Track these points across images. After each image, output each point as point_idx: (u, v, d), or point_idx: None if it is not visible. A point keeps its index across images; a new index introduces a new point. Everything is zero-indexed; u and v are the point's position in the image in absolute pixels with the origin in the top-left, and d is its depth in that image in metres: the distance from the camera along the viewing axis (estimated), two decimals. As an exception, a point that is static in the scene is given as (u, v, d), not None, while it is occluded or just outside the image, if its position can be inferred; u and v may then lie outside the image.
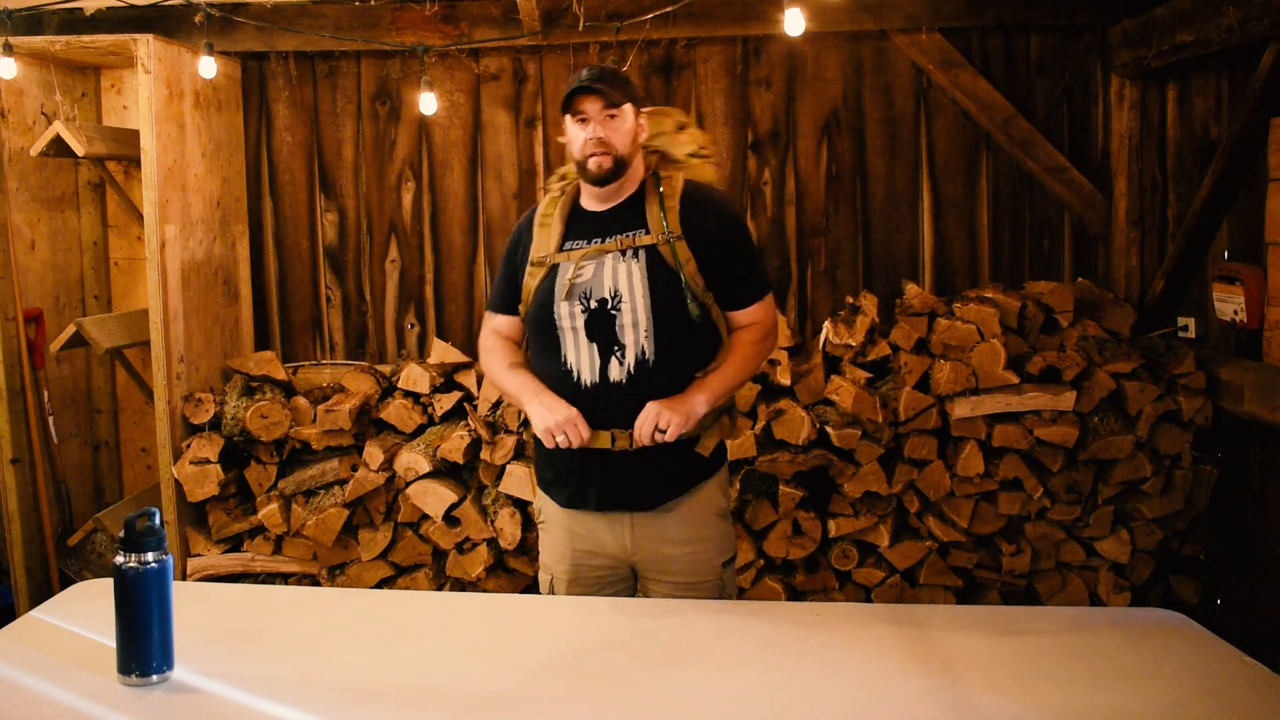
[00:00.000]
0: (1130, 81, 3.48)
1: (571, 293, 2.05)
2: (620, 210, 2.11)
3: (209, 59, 3.27)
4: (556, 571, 2.18)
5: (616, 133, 2.04)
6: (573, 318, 2.05)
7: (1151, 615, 1.95)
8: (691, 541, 2.12)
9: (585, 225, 2.12)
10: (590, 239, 2.09)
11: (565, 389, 2.05)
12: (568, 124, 2.09)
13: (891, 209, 3.70)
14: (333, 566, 3.38)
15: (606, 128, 2.04)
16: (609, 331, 2.03)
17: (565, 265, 2.07)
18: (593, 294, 2.04)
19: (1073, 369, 3.12)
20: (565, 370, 2.06)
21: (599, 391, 2.04)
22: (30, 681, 1.64)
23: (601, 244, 2.07)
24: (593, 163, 2.04)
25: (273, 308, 3.86)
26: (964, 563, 3.24)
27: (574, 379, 2.05)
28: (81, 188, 3.82)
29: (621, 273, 2.04)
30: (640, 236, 2.06)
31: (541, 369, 2.12)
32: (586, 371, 2.05)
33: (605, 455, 2.05)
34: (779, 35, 3.46)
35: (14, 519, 3.41)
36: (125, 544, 1.60)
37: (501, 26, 3.59)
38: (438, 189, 3.80)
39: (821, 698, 1.59)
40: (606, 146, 2.03)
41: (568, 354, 2.06)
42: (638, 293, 2.02)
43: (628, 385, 2.03)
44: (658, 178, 2.13)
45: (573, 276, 2.05)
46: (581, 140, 2.05)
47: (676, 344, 2.06)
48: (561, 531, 2.16)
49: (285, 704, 1.56)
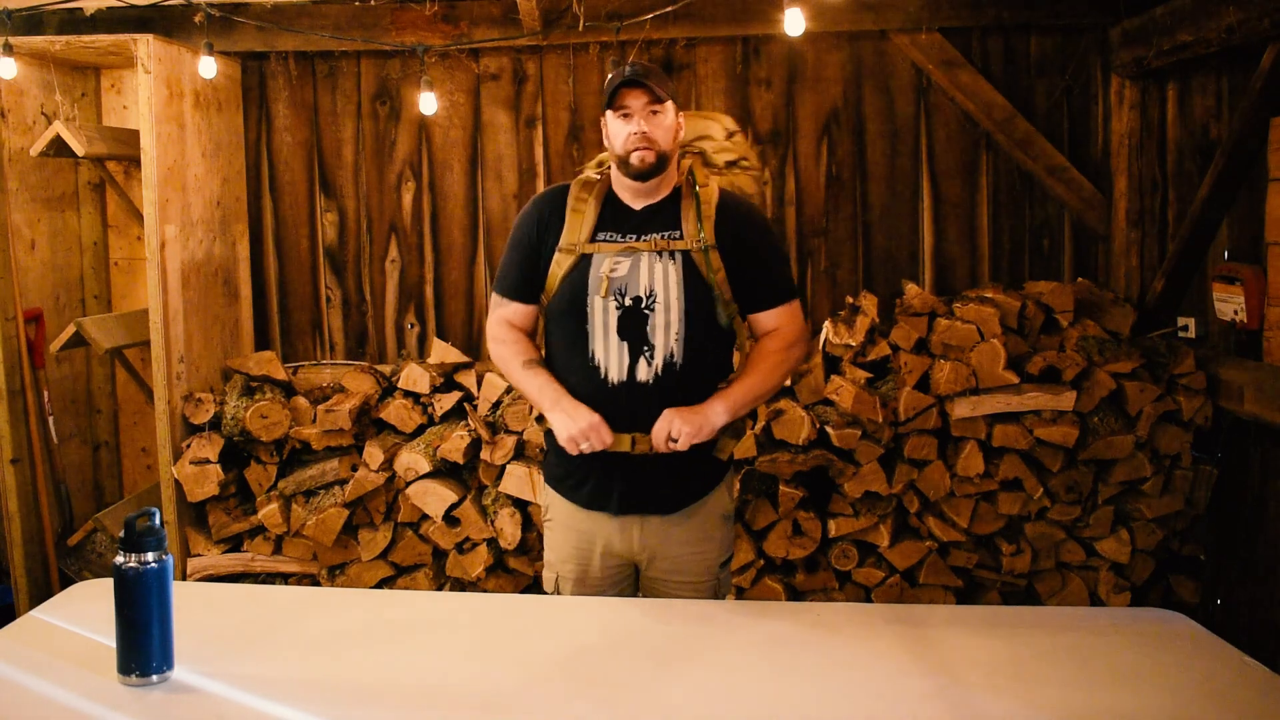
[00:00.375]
0: (1130, 81, 3.48)
1: (609, 288, 2.03)
2: (656, 210, 2.11)
3: (209, 59, 3.27)
4: (563, 571, 2.17)
5: (660, 128, 2.04)
6: (606, 313, 2.03)
7: (1151, 615, 1.95)
8: (698, 543, 2.14)
9: (619, 219, 2.10)
10: (625, 234, 2.08)
11: (591, 386, 2.04)
12: (609, 118, 2.07)
13: (891, 209, 3.70)
14: (333, 566, 3.38)
15: (650, 123, 2.03)
16: (640, 331, 2.03)
17: (599, 258, 2.05)
18: (628, 291, 2.03)
19: (1073, 369, 3.12)
20: (593, 367, 2.05)
21: (625, 391, 2.04)
22: (30, 681, 1.64)
23: (636, 241, 2.07)
24: (636, 157, 2.03)
25: (273, 308, 3.86)
26: (964, 563, 3.24)
27: (601, 376, 2.04)
28: (81, 188, 3.82)
29: (658, 273, 2.04)
30: (674, 239, 2.06)
31: (566, 362, 2.09)
32: (615, 369, 2.04)
33: (626, 459, 2.04)
34: (779, 35, 3.46)
35: (14, 519, 3.41)
36: (125, 544, 1.60)
37: (501, 26, 3.59)
38: (438, 189, 3.80)
39: (822, 698, 1.59)
40: (650, 141, 2.03)
41: (596, 350, 2.04)
42: (673, 295, 2.03)
43: (653, 386, 2.03)
44: (693, 181, 2.13)
45: (609, 271, 2.03)
46: (625, 134, 2.04)
47: (704, 350, 2.07)
48: (569, 531, 2.16)
49: (285, 704, 1.56)
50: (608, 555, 2.14)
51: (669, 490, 2.09)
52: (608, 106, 2.06)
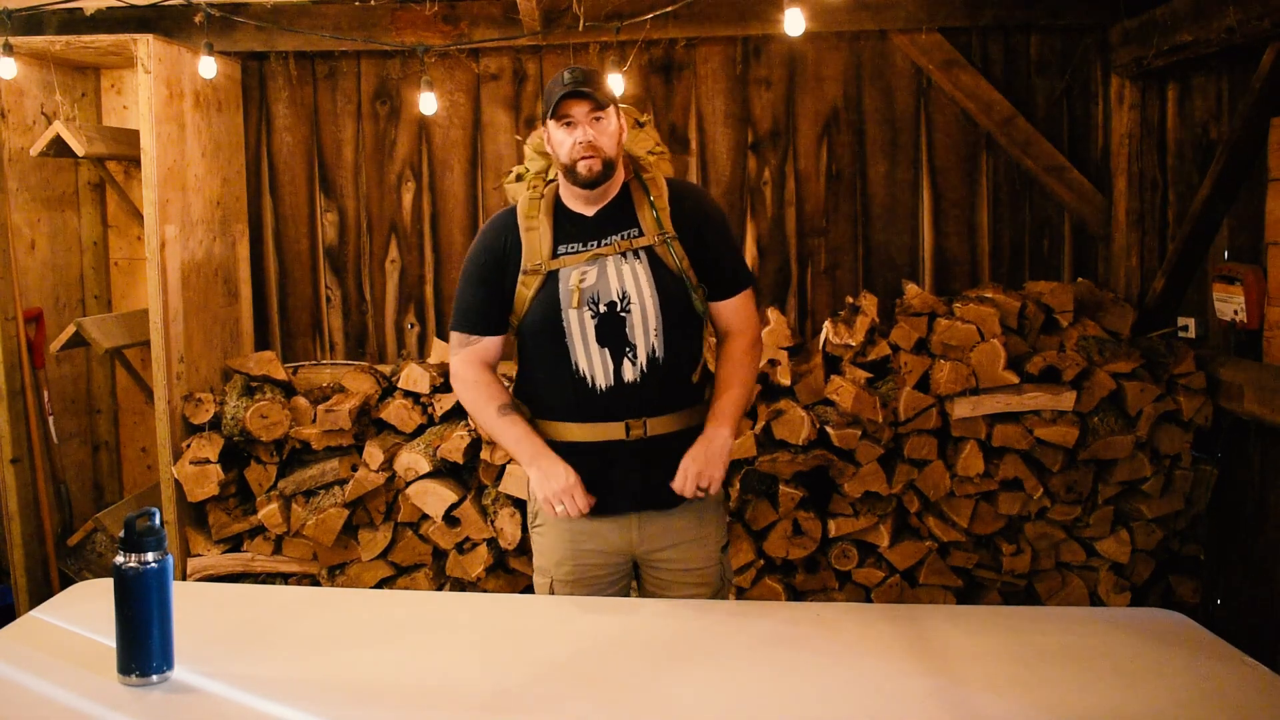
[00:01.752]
0: (1130, 81, 3.48)
1: (581, 298, 2.03)
2: (609, 212, 2.10)
3: (209, 59, 3.27)
4: (556, 574, 2.16)
5: (604, 135, 2.03)
6: (582, 324, 2.03)
7: (1151, 615, 1.95)
8: (698, 529, 2.15)
9: (575, 229, 2.09)
10: (585, 243, 2.07)
11: (578, 396, 2.05)
12: (551, 127, 2.05)
13: (891, 209, 3.70)
14: (333, 566, 3.38)
15: (594, 130, 2.02)
16: (619, 334, 2.03)
17: (566, 272, 2.04)
18: (600, 298, 2.03)
19: (1073, 369, 3.12)
20: (579, 378, 2.05)
21: (613, 393, 2.05)
22: (30, 681, 1.64)
23: (598, 247, 2.06)
24: (582, 166, 2.01)
25: (273, 308, 3.86)
26: (964, 563, 3.24)
27: (588, 385, 2.05)
28: (81, 188, 3.82)
29: (627, 274, 2.04)
30: (636, 237, 2.07)
31: (549, 377, 2.09)
32: (600, 376, 2.04)
33: (622, 460, 2.06)
34: (779, 35, 3.46)
35: (14, 519, 3.41)
36: (125, 544, 1.60)
37: (501, 26, 3.59)
38: (438, 189, 3.80)
39: (822, 697, 1.59)
40: (596, 150, 2.01)
41: (579, 361, 2.05)
42: (645, 293, 2.04)
43: (641, 383, 2.05)
44: (640, 177, 2.13)
45: (578, 282, 2.03)
46: (570, 144, 2.02)
47: (683, 338, 2.09)
48: (561, 534, 2.15)
49: (285, 704, 1.56)
50: (603, 554, 2.14)
51: (664, 486, 2.08)
52: (551, 116, 2.04)
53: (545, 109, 2.05)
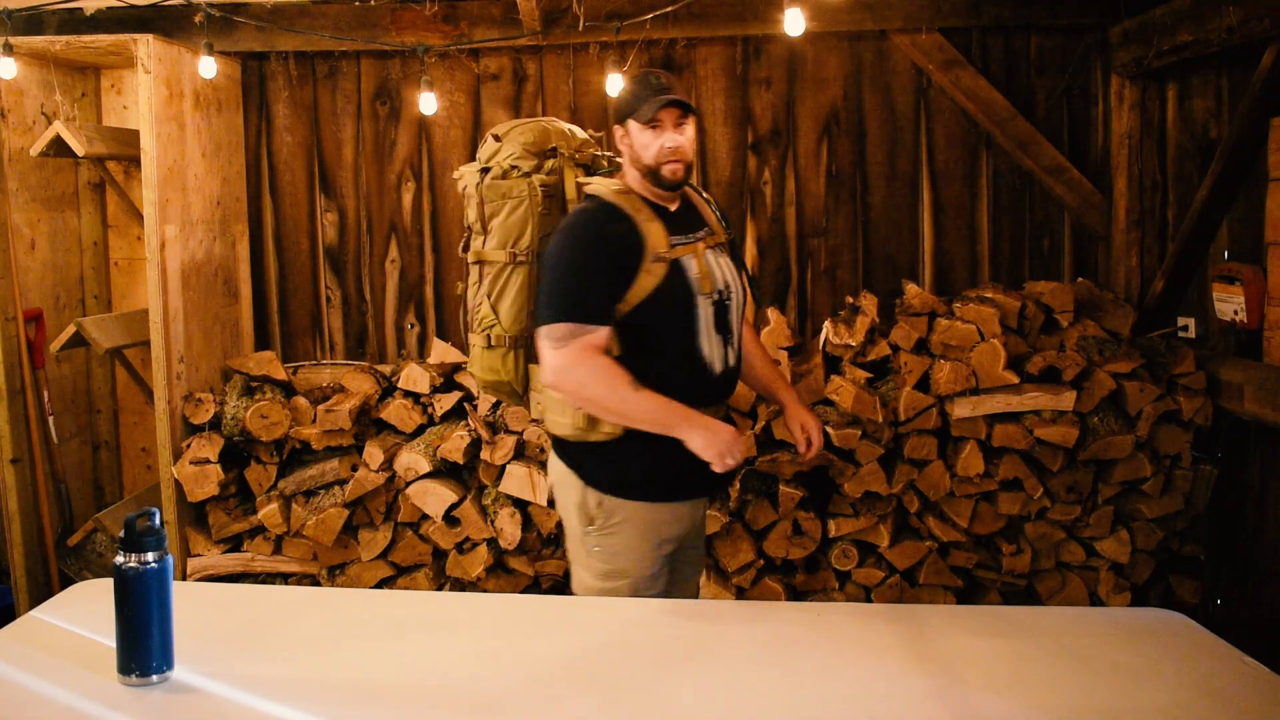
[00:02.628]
0: (1130, 81, 3.48)
1: (712, 285, 2.14)
2: (685, 211, 2.24)
3: (209, 59, 3.27)
4: (636, 573, 2.16)
5: (688, 140, 2.15)
6: (706, 310, 2.14)
7: (1151, 615, 1.95)
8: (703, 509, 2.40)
9: (674, 223, 2.18)
10: (686, 235, 2.18)
11: (700, 379, 2.16)
12: (635, 129, 2.12)
13: (891, 209, 3.70)
14: (333, 566, 3.38)
15: (682, 136, 2.12)
16: (726, 321, 2.18)
17: (688, 260, 2.13)
18: (717, 287, 2.17)
19: (1073, 369, 3.12)
20: (703, 364, 2.15)
21: (724, 377, 2.20)
22: (30, 681, 1.64)
23: (697, 241, 2.18)
24: (668, 170, 2.12)
25: (273, 308, 3.86)
26: (964, 563, 3.24)
27: (708, 369, 2.16)
28: (81, 188, 3.82)
29: (725, 266, 2.22)
30: (712, 235, 2.25)
31: (674, 362, 2.13)
32: (718, 361, 2.17)
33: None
34: (779, 35, 3.46)
35: (14, 519, 3.41)
36: (125, 544, 1.60)
37: (501, 26, 3.59)
38: (438, 189, 3.80)
39: (822, 697, 1.60)
40: (682, 155, 2.12)
41: (703, 346, 2.15)
42: (737, 284, 2.24)
43: (734, 369, 2.24)
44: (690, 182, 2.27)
45: (702, 271, 2.13)
46: (658, 148, 2.11)
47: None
48: (644, 529, 2.15)
49: (285, 704, 1.56)
50: (677, 539, 2.23)
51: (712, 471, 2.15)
52: (644, 120, 2.09)
53: (628, 112, 2.13)
